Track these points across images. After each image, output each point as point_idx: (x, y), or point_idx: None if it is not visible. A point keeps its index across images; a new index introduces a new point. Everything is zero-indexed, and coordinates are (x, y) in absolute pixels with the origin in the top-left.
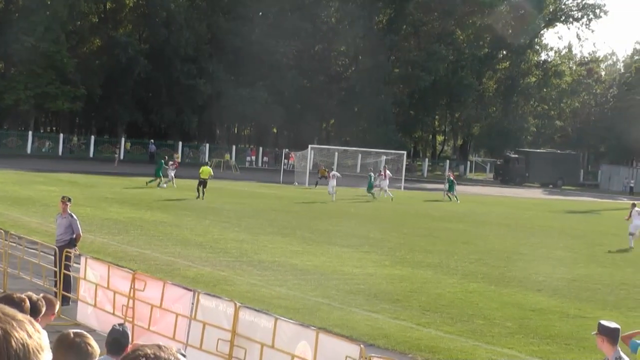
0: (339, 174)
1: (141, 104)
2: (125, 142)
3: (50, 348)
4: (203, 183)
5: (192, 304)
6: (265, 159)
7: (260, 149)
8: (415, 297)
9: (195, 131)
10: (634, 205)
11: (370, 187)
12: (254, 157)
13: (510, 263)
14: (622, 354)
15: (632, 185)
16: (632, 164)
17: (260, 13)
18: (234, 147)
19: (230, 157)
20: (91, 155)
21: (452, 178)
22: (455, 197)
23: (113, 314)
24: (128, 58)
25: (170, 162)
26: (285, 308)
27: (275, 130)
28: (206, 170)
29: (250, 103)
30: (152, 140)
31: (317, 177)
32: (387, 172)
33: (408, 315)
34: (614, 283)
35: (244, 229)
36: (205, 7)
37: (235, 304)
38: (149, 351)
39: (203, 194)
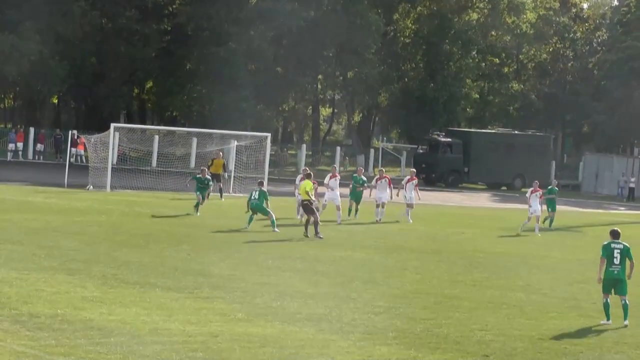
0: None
1: None
2: None
3: None
4: None
5: None
6: (40, 146)
7: (32, 130)
8: None
9: None
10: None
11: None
12: (21, 144)
13: None
14: None
15: (632, 185)
16: (631, 152)
17: None
18: None
19: None
20: None
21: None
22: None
23: None
24: None
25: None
26: None
27: (55, 100)
28: None
29: (13, 55)
30: None
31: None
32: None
33: None
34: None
35: (4, 262)
36: None
37: None
38: None
39: None
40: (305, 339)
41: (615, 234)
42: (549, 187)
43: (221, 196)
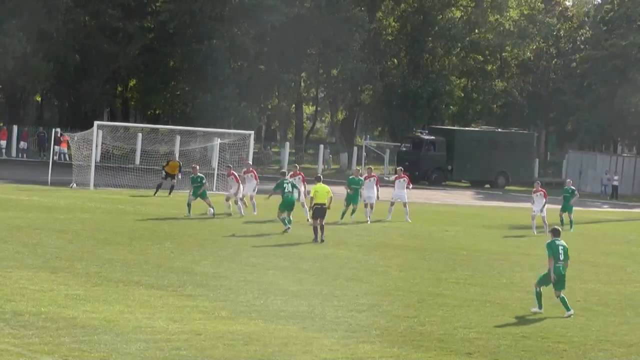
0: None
1: None
2: None
3: None
4: None
5: None
6: (24, 144)
7: (15, 128)
8: None
9: None
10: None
11: None
12: (4, 142)
13: None
14: None
15: (615, 183)
16: (615, 150)
17: None
18: None
19: None
20: None
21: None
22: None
23: None
24: None
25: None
26: None
27: (38, 98)
28: None
29: None
30: None
31: (161, 176)
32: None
33: None
34: None
35: None
36: None
37: None
38: None
39: None
40: (288, 337)
41: (556, 233)
42: (564, 187)
43: (170, 193)
